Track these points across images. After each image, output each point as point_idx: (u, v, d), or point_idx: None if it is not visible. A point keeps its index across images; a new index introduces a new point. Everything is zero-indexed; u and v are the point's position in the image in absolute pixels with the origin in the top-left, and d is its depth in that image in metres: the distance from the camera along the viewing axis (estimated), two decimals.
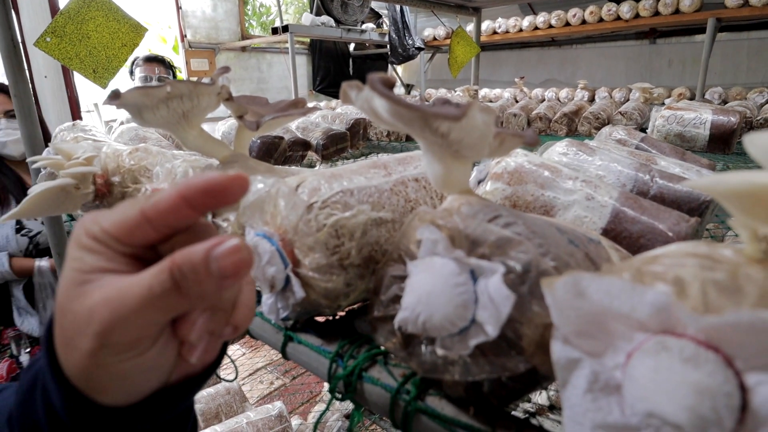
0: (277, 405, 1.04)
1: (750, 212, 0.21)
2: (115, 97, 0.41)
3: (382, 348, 0.34)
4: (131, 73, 2.22)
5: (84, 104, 2.66)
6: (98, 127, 1.23)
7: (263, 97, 0.55)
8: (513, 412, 0.28)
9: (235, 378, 1.15)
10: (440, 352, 0.26)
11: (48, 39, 1.05)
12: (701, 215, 0.52)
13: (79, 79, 2.43)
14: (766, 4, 2.42)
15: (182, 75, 3.65)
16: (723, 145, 1.25)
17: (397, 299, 0.29)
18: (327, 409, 0.34)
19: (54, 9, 2.25)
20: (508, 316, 0.23)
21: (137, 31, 1.13)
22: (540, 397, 0.85)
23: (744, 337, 0.18)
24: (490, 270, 0.24)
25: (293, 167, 0.52)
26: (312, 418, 1.54)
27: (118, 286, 0.21)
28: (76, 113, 2.39)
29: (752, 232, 0.21)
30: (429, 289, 0.25)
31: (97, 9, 1.09)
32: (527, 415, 0.27)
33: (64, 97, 2.36)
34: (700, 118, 1.26)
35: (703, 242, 0.23)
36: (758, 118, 1.53)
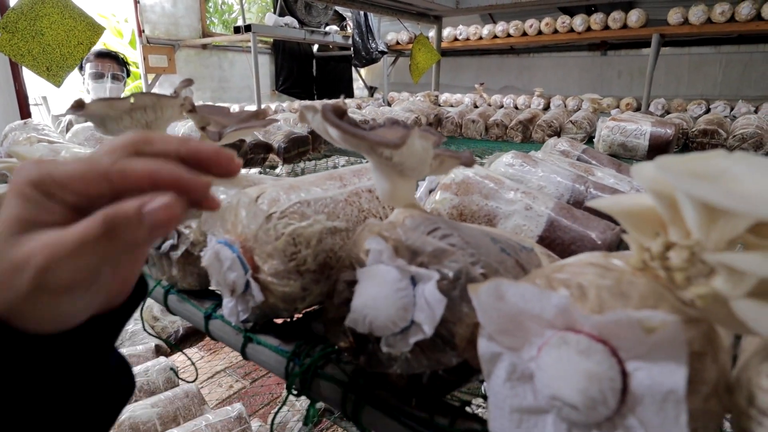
0: (237, 407, 1.05)
1: (636, 228, 0.25)
2: (78, 107, 0.42)
3: (335, 347, 0.37)
4: (81, 68, 2.14)
5: (31, 97, 2.54)
6: (51, 126, 1.20)
7: (225, 107, 0.56)
8: (450, 402, 0.32)
9: (195, 380, 1.15)
10: (385, 349, 0.29)
11: None
12: None
13: (27, 71, 2.32)
14: (704, 23, 2.61)
15: (138, 71, 3.55)
16: (660, 155, 1.35)
17: (348, 302, 0.32)
18: (283, 404, 0.37)
19: (2, 4, 2.15)
20: (442, 317, 0.27)
21: (94, 29, 1.11)
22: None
23: (624, 332, 0.22)
24: (426, 277, 0.28)
25: (255, 175, 0.54)
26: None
27: (57, 232, 0.22)
28: (24, 108, 2.29)
29: (638, 245, 0.25)
30: (375, 293, 0.28)
31: (51, 6, 1.06)
32: (461, 404, 0.31)
33: (12, 91, 2.25)
34: (640, 129, 1.36)
35: (602, 253, 0.27)
36: (693, 129, 1.66)
